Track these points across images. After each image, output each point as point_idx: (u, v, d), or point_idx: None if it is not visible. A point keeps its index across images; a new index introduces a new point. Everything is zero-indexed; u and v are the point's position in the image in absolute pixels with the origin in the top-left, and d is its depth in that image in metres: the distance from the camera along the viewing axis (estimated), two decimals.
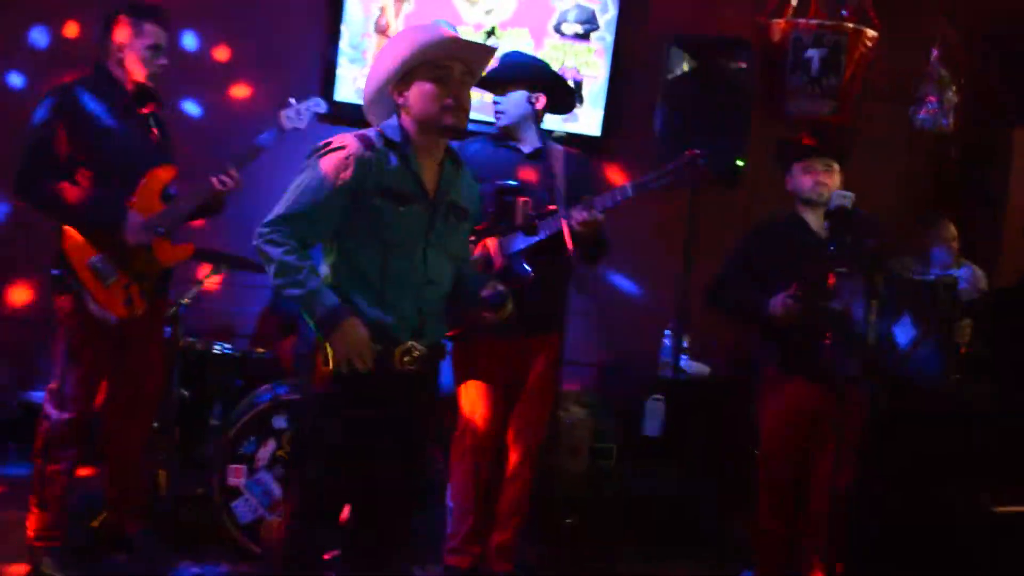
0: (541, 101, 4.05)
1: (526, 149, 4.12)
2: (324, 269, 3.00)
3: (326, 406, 2.98)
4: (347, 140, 2.95)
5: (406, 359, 2.96)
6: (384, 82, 3.00)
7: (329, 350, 2.87)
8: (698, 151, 3.76)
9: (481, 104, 4.35)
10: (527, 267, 3.90)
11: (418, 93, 2.94)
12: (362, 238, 2.94)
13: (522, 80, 4.05)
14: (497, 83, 4.08)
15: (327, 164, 2.90)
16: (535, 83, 4.06)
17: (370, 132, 3.01)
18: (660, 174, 3.80)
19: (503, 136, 4.18)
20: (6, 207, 5.16)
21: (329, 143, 2.95)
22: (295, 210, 2.89)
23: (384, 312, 2.94)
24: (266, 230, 2.88)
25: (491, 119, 4.25)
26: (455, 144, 3.12)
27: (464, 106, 2.98)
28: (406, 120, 3.00)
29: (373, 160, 2.92)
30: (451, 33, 3.01)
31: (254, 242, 2.89)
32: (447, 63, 2.95)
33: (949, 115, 5.91)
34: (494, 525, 4.16)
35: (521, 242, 3.92)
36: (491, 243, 3.96)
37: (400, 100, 2.99)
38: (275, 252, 2.85)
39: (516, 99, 4.06)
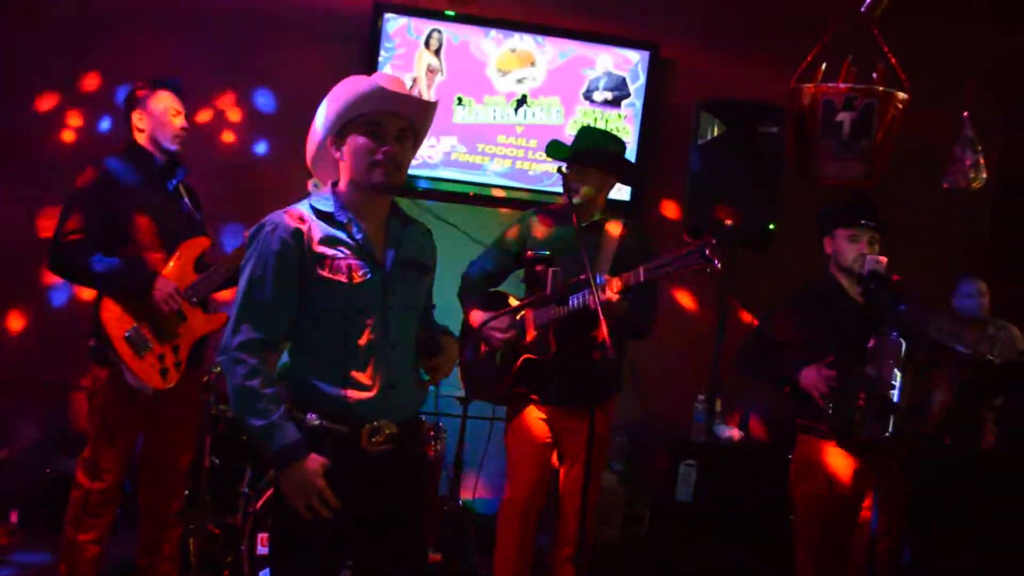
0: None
1: (584, 222, 4.07)
2: (283, 355, 2.86)
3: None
4: (275, 218, 2.78)
5: (375, 439, 2.76)
6: (323, 136, 2.83)
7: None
8: (711, 240, 3.73)
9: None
10: (550, 341, 3.93)
11: (351, 148, 2.78)
12: (317, 316, 2.78)
13: (608, 168, 4.07)
14: (584, 161, 4.05)
15: (263, 247, 2.74)
16: (618, 173, 4.11)
17: (301, 205, 2.83)
18: (668, 262, 3.79)
19: (559, 207, 4.19)
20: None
21: (262, 225, 2.78)
22: (251, 311, 2.73)
23: (346, 390, 2.75)
24: (231, 346, 2.70)
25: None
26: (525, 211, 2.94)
27: (397, 161, 2.77)
28: (344, 177, 2.85)
29: (305, 232, 2.75)
30: (384, 85, 2.79)
31: (219, 358, 2.72)
32: (381, 118, 2.78)
33: (980, 176, 5.89)
34: None
35: (549, 314, 3.94)
36: (528, 314, 4.00)
37: (337, 155, 2.83)
38: (237, 375, 2.68)
39: (598, 184, 4.06)
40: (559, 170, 3.96)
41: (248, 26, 5.66)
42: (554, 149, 4.14)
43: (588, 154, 4.05)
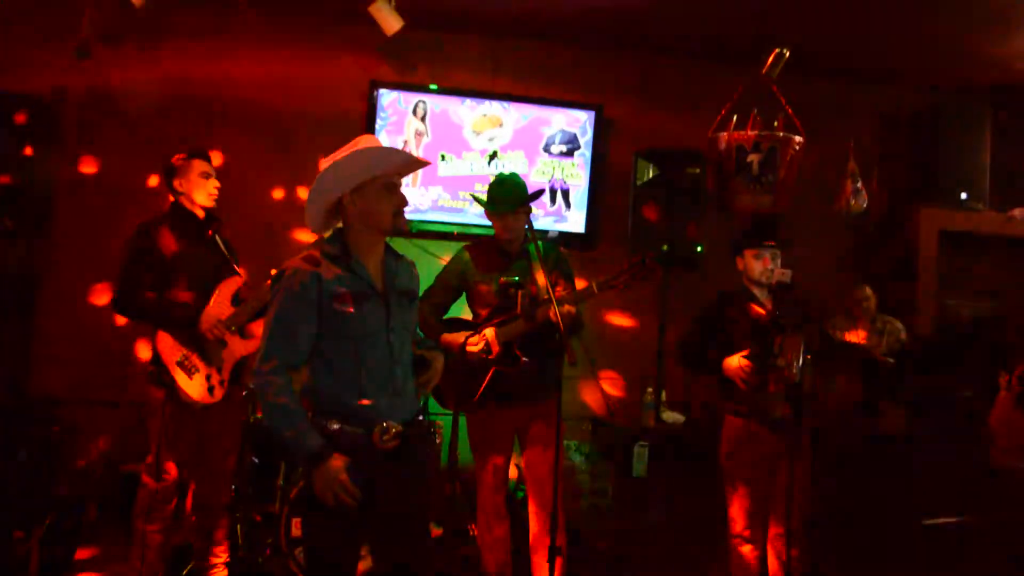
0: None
1: (513, 249, 4.11)
2: (305, 373, 2.85)
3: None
4: (295, 263, 2.81)
5: (385, 437, 2.79)
6: (335, 189, 2.83)
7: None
8: (648, 253, 3.76)
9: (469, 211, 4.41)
10: (517, 354, 3.92)
11: (374, 200, 2.82)
12: (334, 341, 2.80)
13: (525, 206, 4.01)
14: (504, 204, 4.02)
15: (286, 289, 2.78)
16: (529, 206, 4.05)
17: (313, 251, 2.85)
18: (618, 275, 3.81)
19: (494, 239, 4.15)
20: None
21: (282, 271, 2.82)
22: (278, 342, 2.76)
23: (362, 400, 2.79)
24: (263, 369, 2.73)
25: (485, 225, 4.26)
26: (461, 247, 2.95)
27: (404, 209, 2.88)
28: (355, 224, 2.86)
29: (320, 273, 2.78)
30: (400, 152, 2.90)
31: (251, 383, 2.74)
32: (393, 179, 2.86)
33: (864, 201, 5.99)
34: None
35: (513, 330, 3.92)
36: (489, 333, 3.96)
37: (351, 208, 2.83)
38: (269, 393, 2.71)
39: (521, 221, 4.02)
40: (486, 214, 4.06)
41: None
42: (479, 201, 4.14)
43: (499, 201, 4.03)
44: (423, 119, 5.76)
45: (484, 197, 4.13)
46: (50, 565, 4.24)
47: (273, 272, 2.90)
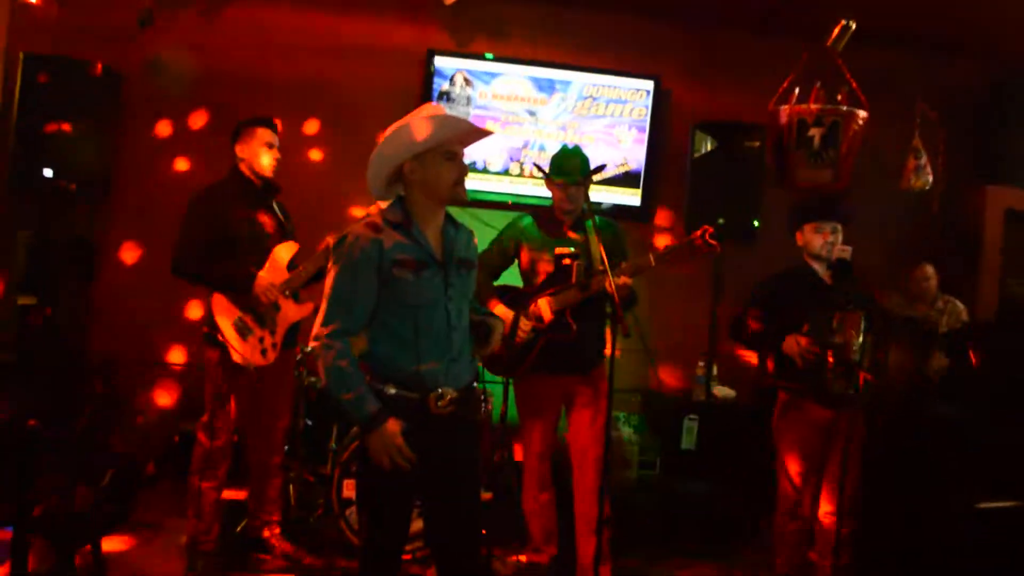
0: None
1: (568, 221, 4.08)
2: (364, 338, 2.85)
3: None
4: (357, 229, 2.81)
5: (440, 403, 2.80)
6: (398, 157, 2.82)
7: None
8: (707, 229, 3.70)
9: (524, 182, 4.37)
10: (569, 322, 3.89)
11: (434, 170, 2.81)
12: (393, 307, 2.80)
13: (587, 178, 3.99)
14: (569, 175, 3.98)
15: (348, 255, 2.77)
16: (590, 178, 4.03)
17: (375, 217, 2.86)
18: (676, 248, 3.76)
19: (549, 210, 4.14)
20: None
21: (344, 236, 2.81)
22: (339, 306, 2.76)
23: (419, 366, 2.79)
24: (322, 334, 2.74)
25: (540, 196, 4.22)
26: (516, 215, 2.94)
27: (465, 178, 2.87)
28: (415, 192, 2.86)
29: (382, 240, 2.78)
30: (464, 121, 2.89)
31: (310, 346, 2.77)
32: (455, 147, 2.85)
33: (927, 179, 5.82)
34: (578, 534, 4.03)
35: (565, 299, 3.90)
36: (542, 302, 3.94)
37: (412, 176, 2.83)
38: (328, 357, 2.72)
39: (582, 193, 3.97)
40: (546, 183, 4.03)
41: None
42: (541, 170, 4.13)
43: (564, 171, 3.99)
44: (474, 87, 5.69)
45: (547, 167, 4.10)
46: (110, 518, 4.33)
47: (330, 237, 2.89)
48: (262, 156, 4.05)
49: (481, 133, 2.95)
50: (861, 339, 3.80)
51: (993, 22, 5.59)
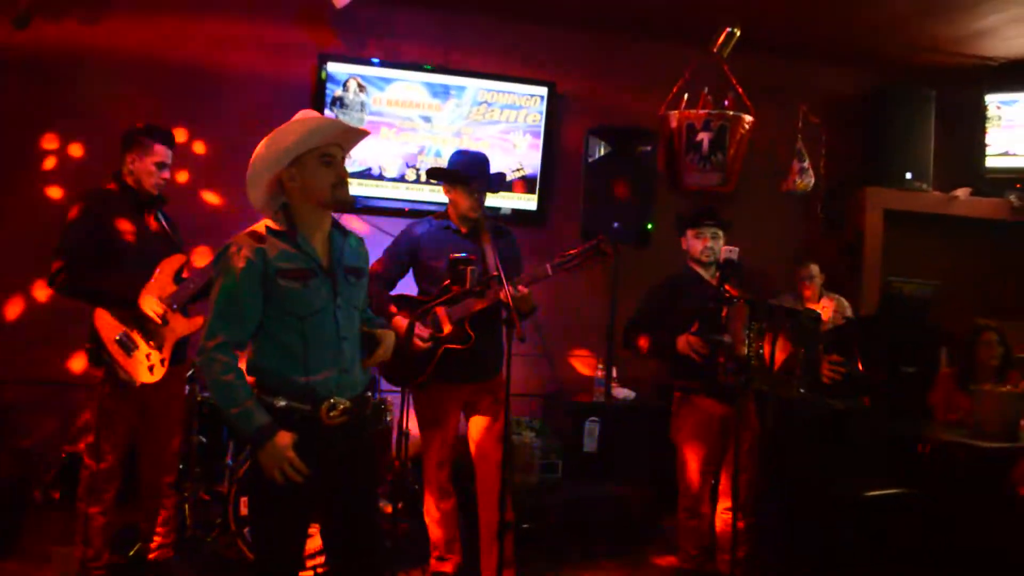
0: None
1: (464, 229, 4.03)
2: (250, 350, 2.76)
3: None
4: (240, 239, 2.71)
5: (332, 413, 2.71)
6: (273, 166, 2.72)
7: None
8: (602, 236, 3.71)
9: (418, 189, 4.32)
10: (468, 332, 3.84)
11: (311, 174, 2.72)
12: (280, 318, 2.71)
13: (487, 185, 3.94)
14: (469, 180, 3.91)
15: (231, 265, 2.67)
16: (492, 186, 3.99)
17: (257, 227, 2.76)
18: (572, 257, 3.74)
19: (443, 217, 4.07)
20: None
21: (227, 246, 2.70)
22: (223, 319, 2.66)
23: (309, 377, 2.71)
24: (208, 347, 2.64)
25: (437, 201, 4.15)
26: (410, 223, 2.91)
27: (346, 181, 2.78)
28: (296, 199, 2.76)
29: (266, 250, 2.68)
30: (336, 122, 2.82)
31: (196, 359, 2.67)
32: (331, 149, 2.76)
33: (808, 181, 6.00)
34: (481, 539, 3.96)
35: (465, 308, 3.85)
36: (440, 311, 3.88)
37: (291, 184, 2.74)
38: (214, 372, 2.63)
39: (481, 199, 3.93)
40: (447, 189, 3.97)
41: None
42: (433, 173, 4.08)
43: (465, 177, 3.93)
44: (368, 93, 5.60)
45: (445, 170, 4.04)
46: None
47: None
48: (150, 175, 3.87)
49: (358, 133, 2.88)
50: (747, 331, 3.86)
51: (875, 30, 5.79)
